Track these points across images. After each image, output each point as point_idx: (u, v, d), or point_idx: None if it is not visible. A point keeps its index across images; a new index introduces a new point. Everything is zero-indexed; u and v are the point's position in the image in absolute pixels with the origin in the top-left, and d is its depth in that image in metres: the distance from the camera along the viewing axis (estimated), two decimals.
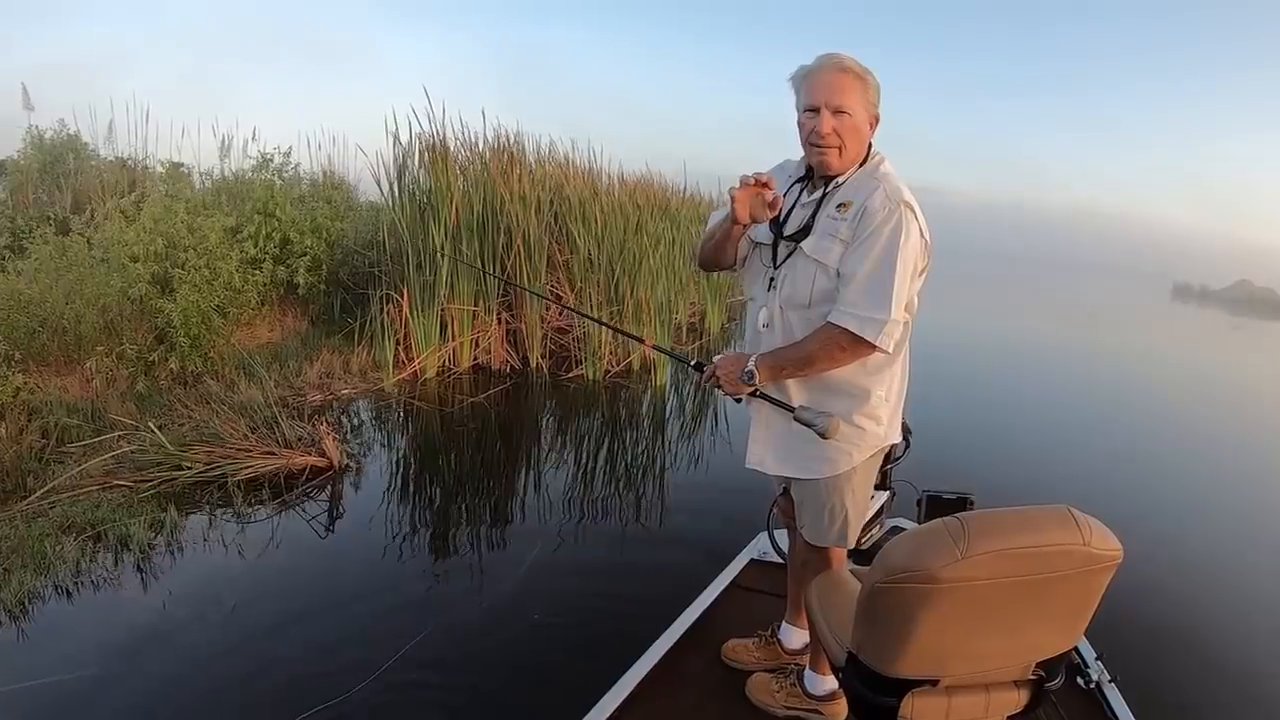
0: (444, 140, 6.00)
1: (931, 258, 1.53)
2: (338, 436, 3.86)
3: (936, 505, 2.55)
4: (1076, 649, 1.99)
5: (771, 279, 1.58)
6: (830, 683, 1.76)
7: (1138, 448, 6.01)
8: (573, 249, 6.37)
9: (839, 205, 1.48)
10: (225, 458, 3.56)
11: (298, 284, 5.79)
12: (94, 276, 4.56)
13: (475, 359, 6.01)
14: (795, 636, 1.97)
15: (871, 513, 2.53)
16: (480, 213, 5.92)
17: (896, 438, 1.65)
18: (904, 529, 2.56)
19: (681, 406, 5.87)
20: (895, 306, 1.42)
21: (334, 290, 6.29)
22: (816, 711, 1.78)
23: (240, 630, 2.44)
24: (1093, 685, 1.89)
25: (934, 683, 1.18)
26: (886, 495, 2.61)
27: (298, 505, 3.39)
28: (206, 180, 6.81)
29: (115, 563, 2.80)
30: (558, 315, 6.41)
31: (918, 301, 1.55)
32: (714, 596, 2.28)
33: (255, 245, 5.50)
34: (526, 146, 6.86)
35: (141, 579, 2.73)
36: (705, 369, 1.63)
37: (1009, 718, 1.26)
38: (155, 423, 3.70)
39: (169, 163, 6.86)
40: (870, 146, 1.53)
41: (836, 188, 1.51)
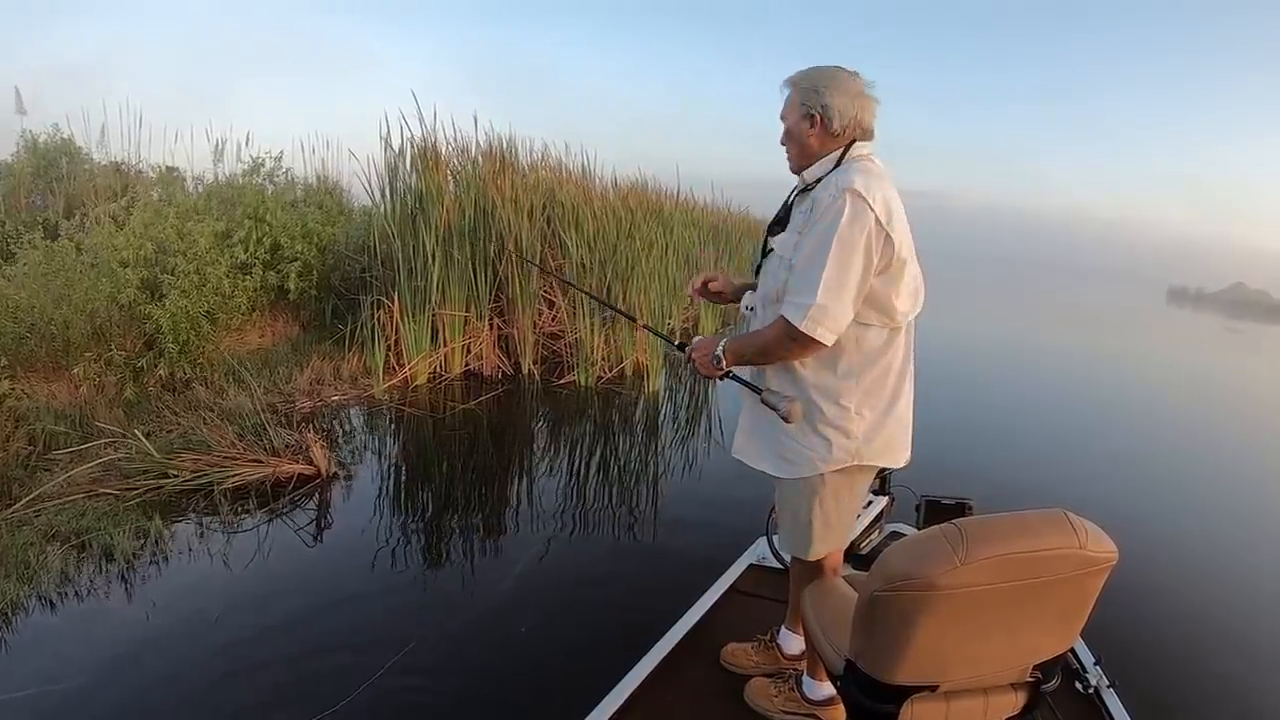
0: (435, 144, 5.99)
1: (911, 256, 1.48)
2: (326, 444, 3.82)
3: (935, 510, 2.55)
4: (1075, 653, 1.99)
5: (758, 274, 1.68)
6: (828, 688, 1.75)
7: (1136, 451, 6.03)
8: (565, 255, 6.36)
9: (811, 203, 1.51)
10: (212, 466, 3.52)
11: (288, 289, 5.75)
12: (83, 282, 4.51)
13: (467, 365, 5.98)
14: (794, 641, 1.97)
15: (870, 518, 2.53)
16: (472, 216, 5.90)
17: (881, 461, 1.59)
18: (903, 534, 2.55)
19: (675, 413, 5.85)
20: (822, 291, 1.39)
21: (325, 295, 6.24)
22: (815, 716, 1.78)
23: (225, 641, 2.40)
24: (1091, 690, 1.88)
25: (933, 688, 1.18)
26: (885, 500, 2.61)
27: (285, 514, 3.35)
28: (199, 185, 6.76)
29: (100, 572, 2.75)
30: (550, 320, 6.39)
31: (903, 306, 1.50)
32: (713, 601, 2.27)
33: (245, 250, 5.46)
34: (519, 150, 6.87)
35: (126, 589, 2.69)
36: (686, 349, 1.70)
37: None
38: (143, 430, 3.66)
39: (163, 167, 6.80)
40: (853, 144, 1.51)
41: (810, 188, 1.54)
